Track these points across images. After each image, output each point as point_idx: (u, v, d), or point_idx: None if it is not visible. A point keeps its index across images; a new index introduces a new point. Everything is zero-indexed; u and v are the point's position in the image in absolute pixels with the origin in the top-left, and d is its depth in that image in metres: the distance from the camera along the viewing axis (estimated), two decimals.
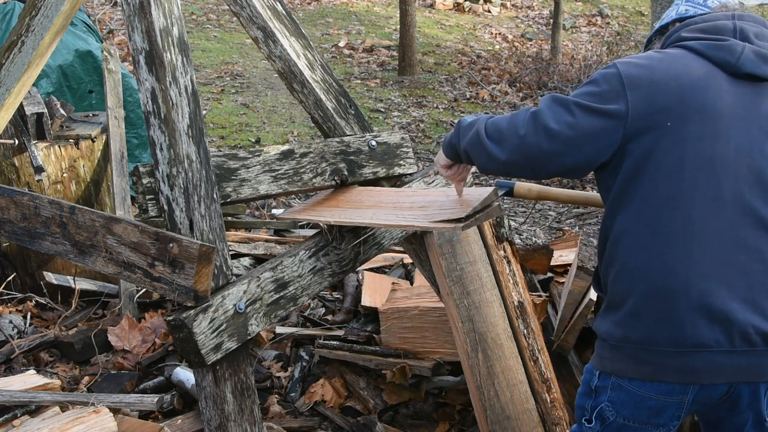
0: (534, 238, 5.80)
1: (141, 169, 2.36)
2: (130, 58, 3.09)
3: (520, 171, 1.92)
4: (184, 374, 3.27)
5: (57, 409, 2.66)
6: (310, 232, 4.62)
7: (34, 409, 2.65)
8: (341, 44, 12.26)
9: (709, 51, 1.86)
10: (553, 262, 3.56)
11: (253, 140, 7.98)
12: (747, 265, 1.80)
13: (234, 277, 2.42)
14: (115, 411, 2.72)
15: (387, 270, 4.19)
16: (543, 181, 5.29)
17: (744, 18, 1.91)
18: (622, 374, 1.89)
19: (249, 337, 2.39)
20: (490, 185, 5.86)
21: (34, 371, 3.12)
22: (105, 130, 4.51)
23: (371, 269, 4.11)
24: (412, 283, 3.82)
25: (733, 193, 1.80)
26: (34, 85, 3.72)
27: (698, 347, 1.80)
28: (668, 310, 1.80)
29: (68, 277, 4.21)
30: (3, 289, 4.05)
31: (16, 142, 4.11)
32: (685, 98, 1.81)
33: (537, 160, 1.86)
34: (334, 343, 3.44)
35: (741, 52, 1.84)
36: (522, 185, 3.08)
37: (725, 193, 1.80)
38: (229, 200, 2.48)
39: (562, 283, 3.44)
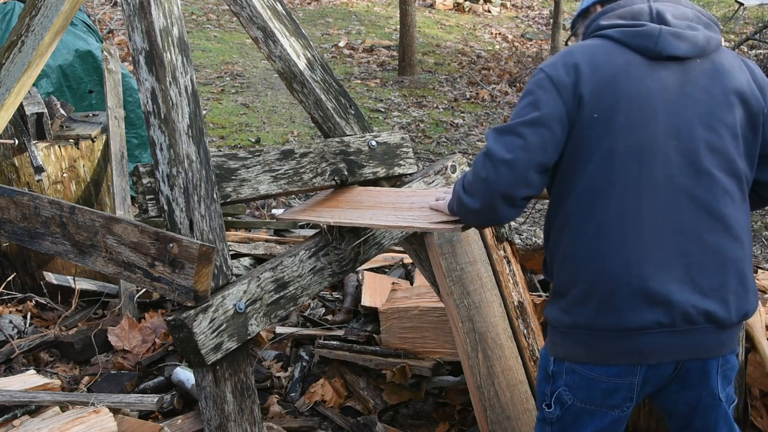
0: (534, 238, 5.80)
1: (141, 169, 2.36)
2: (130, 58, 3.09)
3: (497, 212, 1.91)
4: (184, 374, 3.27)
5: (57, 409, 2.66)
6: (310, 232, 4.62)
7: (34, 409, 2.65)
8: (341, 44, 12.26)
9: (627, 39, 1.88)
10: None
11: (253, 140, 7.98)
12: (684, 246, 1.85)
13: (234, 277, 2.42)
14: (115, 411, 2.72)
15: (387, 270, 4.19)
16: None
17: None
18: (573, 359, 1.94)
19: (249, 337, 2.39)
20: None
21: (34, 371, 3.12)
22: (105, 130, 4.51)
23: (371, 269, 4.11)
24: (412, 283, 3.82)
25: (665, 177, 1.84)
26: (34, 85, 3.72)
27: (641, 330, 1.85)
28: (610, 296, 1.85)
29: (68, 277, 4.21)
30: (3, 289, 4.05)
31: (16, 142, 4.11)
32: (609, 89, 1.84)
33: (508, 193, 1.87)
34: (334, 343, 3.44)
35: (658, 35, 1.85)
36: None
37: (657, 179, 1.84)
38: (229, 200, 2.48)
39: None
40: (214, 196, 2.39)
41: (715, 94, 1.88)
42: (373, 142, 2.81)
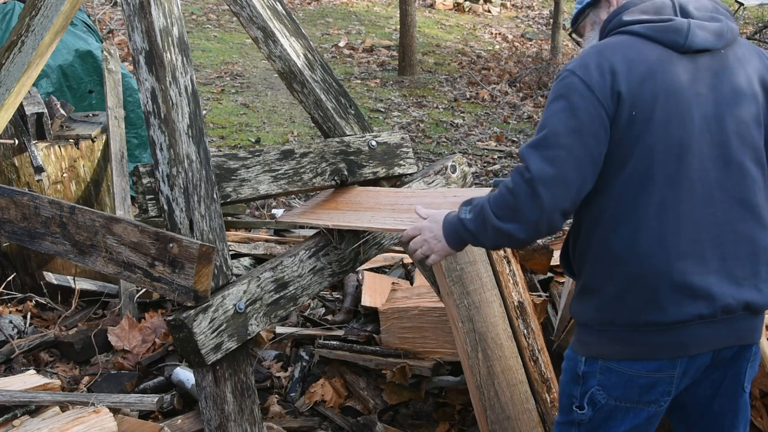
0: None
1: (141, 169, 2.36)
2: (130, 58, 3.09)
3: (552, 229, 1.86)
4: (184, 374, 3.27)
5: (57, 409, 2.66)
6: (310, 232, 4.61)
7: (34, 409, 2.65)
8: (341, 44, 12.26)
9: (656, 34, 1.86)
10: (553, 262, 3.56)
11: (253, 140, 7.98)
12: (719, 237, 1.86)
13: (234, 277, 2.42)
14: (115, 411, 2.72)
15: (387, 270, 4.19)
16: None
17: None
18: (610, 357, 1.91)
19: (249, 337, 2.39)
20: (489, 186, 5.88)
21: (34, 371, 3.12)
22: (105, 130, 4.51)
23: (371, 269, 4.11)
24: (412, 283, 3.82)
25: (700, 171, 1.84)
26: (34, 85, 3.72)
27: (682, 322, 1.85)
28: (650, 292, 1.85)
29: (68, 277, 4.21)
30: (3, 289, 4.05)
31: (16, 142, 4.11)
32: (646, 85, 1.82)
33: (565, 209, 1.83)
34: (334, 343, 3.44)
35: (687, 30, 1.85)
36: None
37: (693, 173, 1.84)
38: (229, 200, 2.48)
39: (562, 283, 3.44)
40: (214, 196, 2.39)
41: (740, 84, 1.89)
42: (373, 142, 2.81)
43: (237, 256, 4.31)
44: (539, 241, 2.11)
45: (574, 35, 2.19)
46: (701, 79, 1.86)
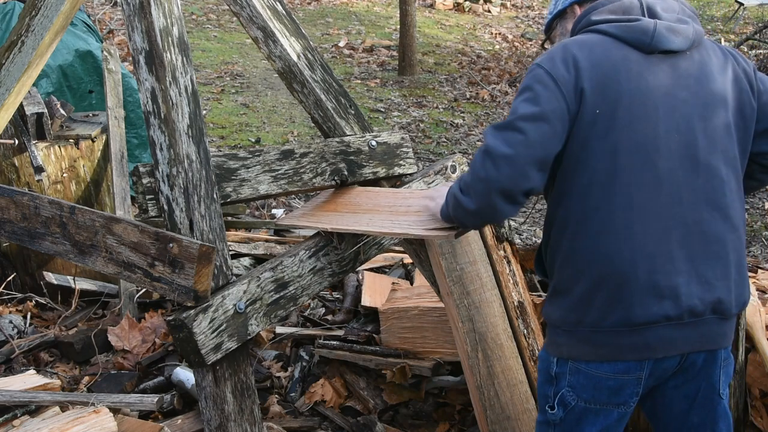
0: (534, 238, 5.80)
1: (141, 169, 2.36)
2: (130, 58, 3.09)
3: (496, 209, 1.88)
4: (184, 374, 3.27)
5: (57, 409, 2.66)
6: (310, 232, 4.61)
7: (34, 409, 2.65)
8: (341, 44, 12.26)
9: (623, 34, 1.88)
10: None
11: (253, 140, 7.98)
12: (687, 237, 1.86)
13: (234, 277, 2.42)
14: (115, 411, 2.72)
15: (387, 270, 4.19)
16: None
17: None
18: (578, 358, 1.93)
19: (249, 337, 2.39)
20: None
21: (34, 371, 3.12)
22: (105, 130, 4.51)
23: (371, 269, 4.11)
24: (412, 283, 3.82)
25: (668, 171, 1.85)
26: (34, 85, 3.72)
27: (649, 324, 1.85)
28: (618, 291, 1.85)
29: (68, 277, 4.21)
30: (3, 289, 4.05)
31: (16, 142, 4.11)
32: (610, 84, 1.84)
33: (507, 189, 1.84)
34: (334, 343, 3.44)
35: (653, 30, 1.86)
36: None
37: (660, 173, 1.85)
38: (229, 200, 2.48)
39: None
40: (214, 196, 2.39)
41: (707, 85, 1.90)
42: (373, 142, 2.81)
43: (237, 256, 4.31)
44: (539, 241, 2.10)
45: (547, 45, 2.22)
46: (669, 79, 1.87)
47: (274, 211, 5.94)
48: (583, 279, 1.89)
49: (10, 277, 4.13)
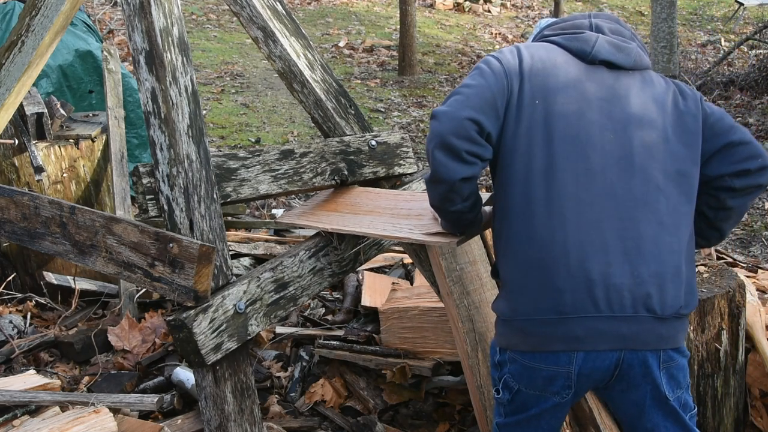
0: None
1: (141, 169, 2.36)
2: (130, 58, 3.09)
3: (447, 167, 1.90)
4: (184, 374, 3.27)
5: (57, 409, 2.66)
6: (311, 232, 4.61)
7: (34, 409, 2.65)
8: (341, 44, 12.26)
9: (567, 42, 2.04)
10: None
11: (253, 140, 7.98)
12: (622, 233, 1.89)
13: (234, 277, 2.42)
14: (115, 411, 2.72)
15: (387, 270, 4.19)
16: None
17: (600, 17, 2.10)
18: (514, 348, 1.99)
19: (249, 337, 2.39)
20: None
21: (34, 371, 3.12)
22: (105, 130, 4.51)
23: (371, 269, 4.11)
24: (412, 283, 3.82)
25: (601, 166, 1.91)
26: (34, 85, 3.72)
27: (578, 313, 1.87)
28: (549, 279, 1.89)
29: (68, 277, 4.21)
30: (3, 289, 4.05)
31: (16, 142, 4.11)
32: (550, 78, 1.96)
33: (448, 141, 1.87)
34: (334, 343, 3.44)
35: (595, 41, 2.01)
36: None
37: (594, 166, 1.91)
38: (229, 200, 2.49)
39: None
40: (214, 196, 2.39)
41: (646, 101, 1.98)
42: (373, 142, 2.81)
43: (237, 256, 4.31)
44: None
45: None
46: (607, 87, 1.98)
47: (274, 211, 5.94)
48: (518, 267, 1.94)
49: (10, 277, 4.13)
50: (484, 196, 2.24)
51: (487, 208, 2.23)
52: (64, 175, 4.30)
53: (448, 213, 2.08)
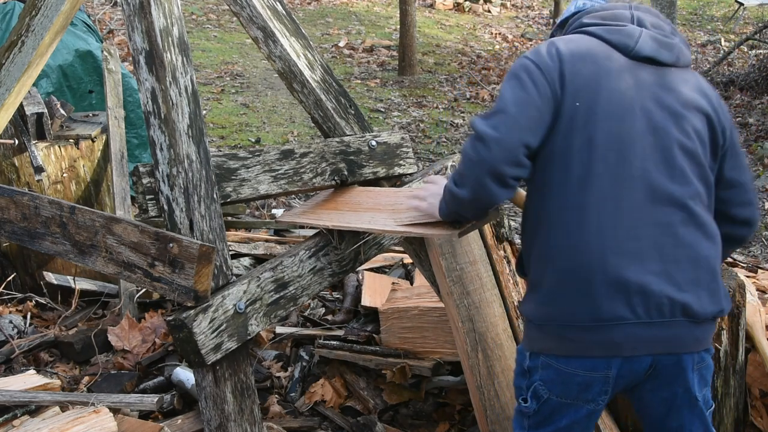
0: None
1: (141, 169, 2.36)
2: (130, 58, 3.09)
3: (490, 192, 1.89)
4: (184, 374, 3.27)
5: (57, 409, 2.66)
6: (310, 232, 4.61)
7: (34, 409, 2.65)
8: (341, 44, 12.26)
9: (608, 35, 1.95)
10: None
11: (253, 140, 7.98)
12: (659, 239, 1.87)
13: (234, 277, 2.42)
14: (115, 411, 2.72)
15: (387, 270, 4.19)
16: None
17: (640, 9, 2.02)
18: (549, 352, 1.94)
19: (249, 337, 2.39)
20: None
21: (34, 371, 3.12)
22: (105, 130, 4.51)
23: (371, 269, 4.11)
24: (412, 283, 3.82)
25: (641, 170, 1.87)
26: (34, 85, 3.72)
27: (616, 320, 1.85)
28: (585, 286, 1.86)
29: (68, 277, 4.21)
30: (3, 289, 4.05)
31: (16, 142, 4.11)
32: (591, 78, 1.89)
33: (498, 170, 1.85)
34: (334, 343, 3.44)
35: (639, 36, 1.94)
36: (521, 190, 3.08)
37: (634, 171, 1.87)
38: (229, 200, 2.48)
39: None
40: (214, 196, 2.39)
41: (687, 102, 1.94)
42: (373, 142, 2.81)
43: (237, 256, 4.31)
44: None
45: None
46: (648, 85, 1.92)
47: (274, 211, 5.94)
48: (554, 273, 1.90)
49: (10, 277, 4.13)
50: None
51: None
52: (64, 175, 4.30)
53: (459, 216, 2.06)
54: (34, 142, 4.15)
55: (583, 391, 1.93)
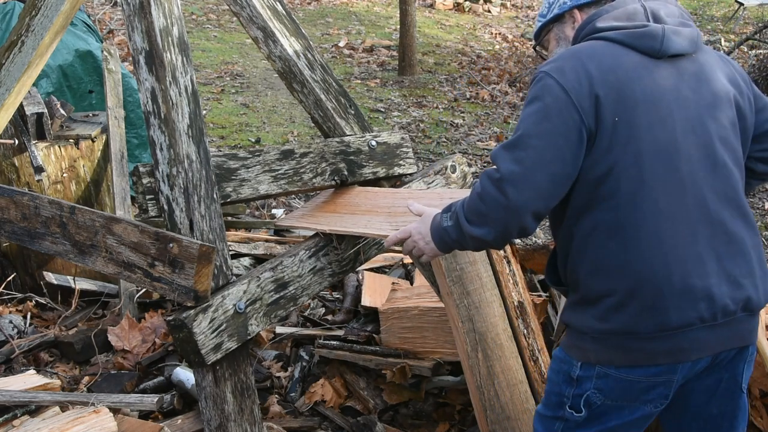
0: (534, 238, 5.80)
1: (141, 169, 2.36)
2: (130, 58, 3.09)
3: (523, 231, 1.86)
4: (184, 374, 3.27)
5: (57, 409, 2.66)
6: (310, 232, 4.61)
7: (34, 409, 2.65)
8: (341, 44, 12.26)
9: (632, 41, 1.88)
10: None
11: (253, 140, 7.98)
12: (713, 238, 1.86)
13: (234, 277, 2.42)
14: (115, 411, 2.72)
15: (387, 270, 4.19)
16: None
17: None
18: (609, 363, 1.90)
19: (249, 337, 2.39)
20: None
21: (34, 371, 3.12)
22: (105, 130, 4.51)
23: (371, 269, 4.11)
24: (412, 283, 3.82)
25: (689, 173, 1.85)
26: (34, 85, 3.72)
27: (684, 328, 1.84)
28: (652, 298, 1.83)
29: (68, 277, 4.21)
30: (3, 289, 4.05)
31: (16, 142, 4.10)
32: (625, 91, 1.82)
33: (534, 210, 1.81)
34: (334, 343, 3.44)
35: (662, 36, 1.87)
36: None
37: (683, 175, 1.85)
38: (229, 200, 2.49)
39: None
40: (214, 196, 2.39)
41: (715, 88, 1.92)
42: (373, 142, 2.81)
43: (237, 256, 4.31)
44: (539, 241, 2.10)
45: (538, 48, 2.20)
46: (679, 83, 1.88)
47: (274, 211, 5.94)
48: (616, 288, 1.85)
49: (10, 277, 4.13)
50: None
51: None
52: (64, 175, 4.30)
53: (478, 248, 2.00)
54: (34, 142, 4.15)
55: (643, 394, 1.90)
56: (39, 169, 4.04)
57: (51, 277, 4.14)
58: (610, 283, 1.87)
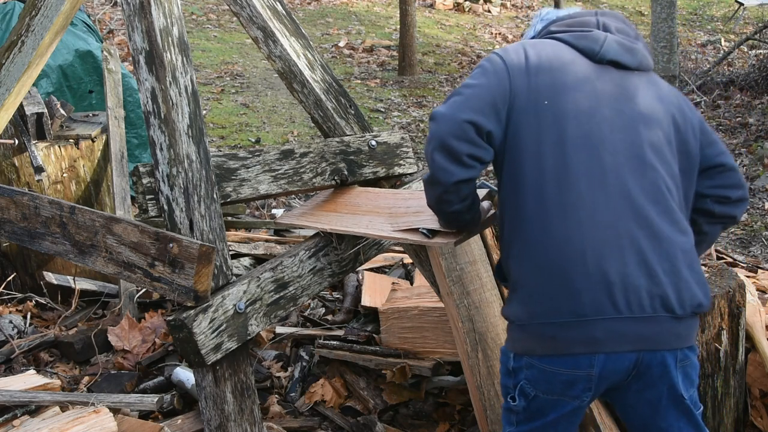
0: None
1: (141, 169, 2.36)
2: (130, 58, 3.09)
3: (447, 170, 1.91)
4: (184, 374, 3.27)
5: (57, 409, 2.66)
6: (311, 232, 4.61)
7: (34, 409, 2.65)
8: (341, 44, 12.26)
9: (575, 41, 2.01)
10: None
11: (253, 140, 7.98)
12: (636, 232, 1.89)
13: (234, 277, 2.42)
14: (115, 411, 2.72)
15: (387, 270, 4.19)
16: None
17: (606, 15, 2.09)
18: (531, 353, 1.96)
19: (249, 337, 2.39)
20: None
21: (34, 371, 3.12)
22: (105, 130, 4.51)
23: (371, 269, 4.11)
24: (412, 283, 3.82)
25: (613, 165, 1.90)
26: (34, 85, 3.72)
27: (597, 315, 1.86)
28: (565, 281, 1.87)
29: (68, 277, 4.21)
30: (3, 289, 4.05)
31: (16, 142, 4.11)
32: (558, 77, 1.94)
33: (447, 143, 1.88)
34: (334, 343, 3.44)
35: (603, 40, 2.00)
36: None
37: (606, 166, 1.90)
38: (229, 200, 2.49)
39: None
40: (214, 196, 2.39)
41: (652, 101, 1.99)
42: (373, 142, 2.81)
43: (237, 256, 4.31)
44: None
45: None
46: (615, 87, 1.97)
47: (274, 211, 5.95)
48: (534, 269, 1.92)
49: (10, 277, 4.13)
50: (481, 192, 2.24)
51: (485, 204, 2.22)
52: (64, 175, 4.30)
53: (445, 214, 2.08)
54: (34, 142, 4.15)
55: (567, 388, 1.94)
56: (39, 169, 4.04)
57: (51, 277, 4.14)
58: (529, 265, 1.93)
